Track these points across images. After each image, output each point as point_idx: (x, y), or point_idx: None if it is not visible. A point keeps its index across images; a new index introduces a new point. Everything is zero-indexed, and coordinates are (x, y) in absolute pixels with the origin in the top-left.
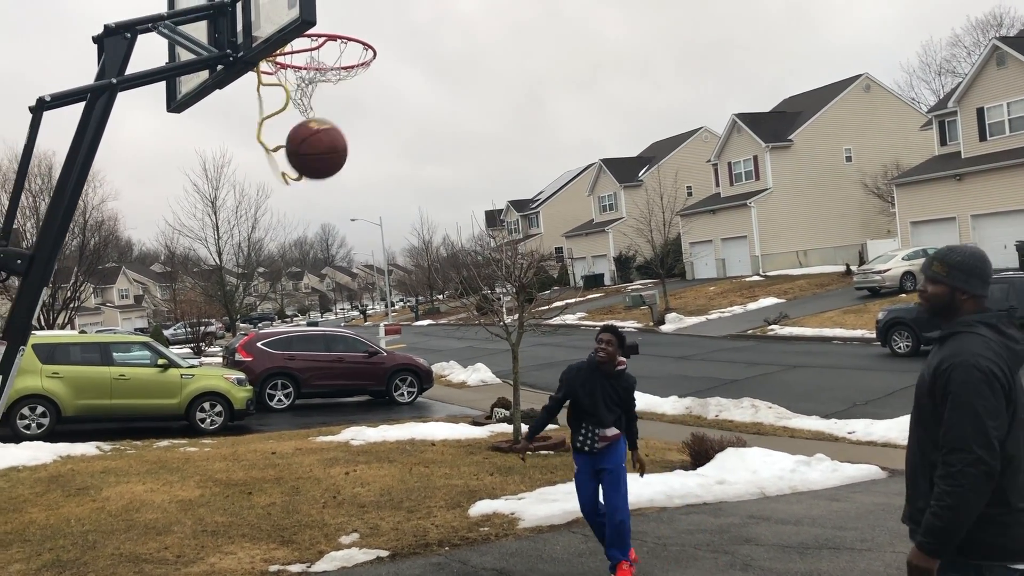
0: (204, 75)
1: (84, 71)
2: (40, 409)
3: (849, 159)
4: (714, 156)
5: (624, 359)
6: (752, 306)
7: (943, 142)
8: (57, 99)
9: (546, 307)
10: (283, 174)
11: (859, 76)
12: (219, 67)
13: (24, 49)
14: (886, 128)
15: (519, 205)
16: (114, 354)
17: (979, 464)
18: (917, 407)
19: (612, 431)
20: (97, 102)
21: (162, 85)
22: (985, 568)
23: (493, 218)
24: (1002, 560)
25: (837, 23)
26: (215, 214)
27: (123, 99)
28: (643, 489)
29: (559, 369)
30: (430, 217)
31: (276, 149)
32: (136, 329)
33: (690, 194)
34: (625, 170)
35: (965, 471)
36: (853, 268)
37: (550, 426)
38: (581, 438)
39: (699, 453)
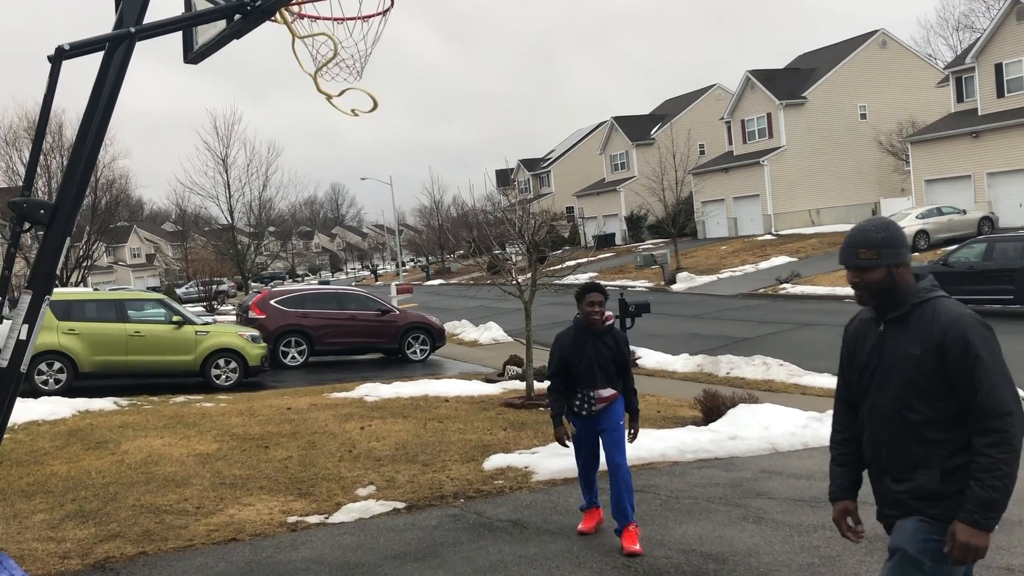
0: (221, 25)
1: (98, 28)
2: (57, 365)
3: (864, 116)
4: (727, 114)
5: (609, 313)
6: (764, 265)
7: (960, 99)
8: (76, 48)
9: (558, 266)
10: (352, 109)
11: (875, 32)
12: (236, 16)
13: (34, 5)
14: (902, 85)
15: (530, 164)
16: (129, 311)
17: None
18: (904, 386)
19: (608, 391)
20: (116, 52)
21: (176, 40)
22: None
23: (504, 177)
24: None
25: None
26: (226, 172)
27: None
28: (655, 444)
29: (563, 329)
30: (441, 176)
31: (340, 94)
32: (148, 288)
33: (702, 152)
34: (637, 128)
35: (1017, 434)
36: None
37: None
38: (578, 403)
39: (711, 409)
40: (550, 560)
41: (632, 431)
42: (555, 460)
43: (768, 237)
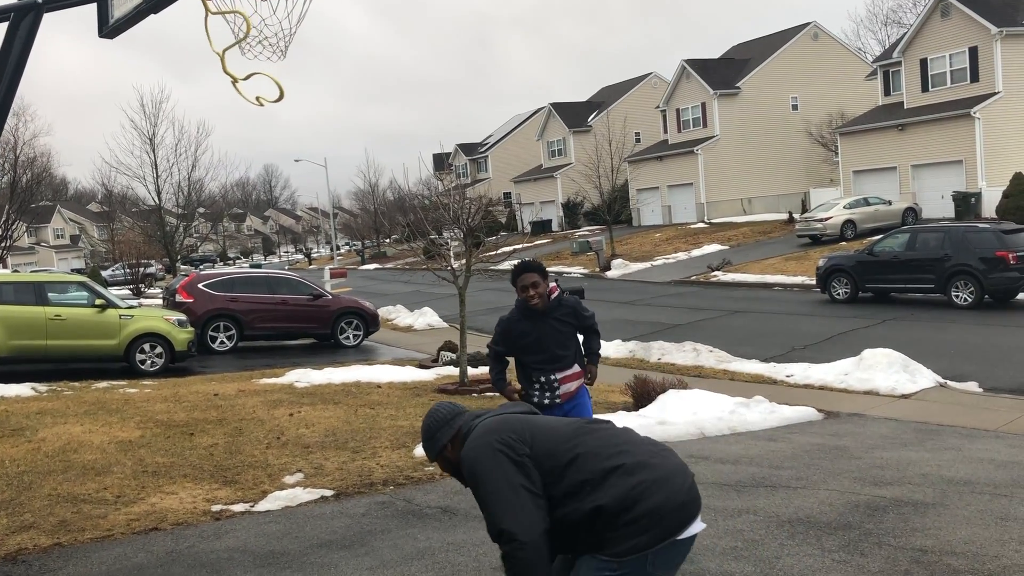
0: None
1: None
2: None
3: (795, 107)
4: (663, 102)
5: (555, 283)
6: (696, 252)
7: (887, 92)
8: None
9: (493, 252)
10: (257, 97)
11: (807, 24)
12: None
13: None
14: (832, 77)
15: (467, 149)
16: (49, 294)
17: None
18: None
19: (573, 369)
20: (21, 23)
21: (93, 9)
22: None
23: (441, 162)
24: None
25: None
26: (154, 152)
27: (52, 25)
28: None
29: (506, 313)
30: (377, 160)
31: (247, 77)
32: (73, 270)
33: (638, 140)
34: (574, 115)
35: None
36: (796, 216)
37: None
38: (538, 394)
39: (642, 395)
40: (478, 546)
41: (590, 375)
42: None
43: (701, 225)
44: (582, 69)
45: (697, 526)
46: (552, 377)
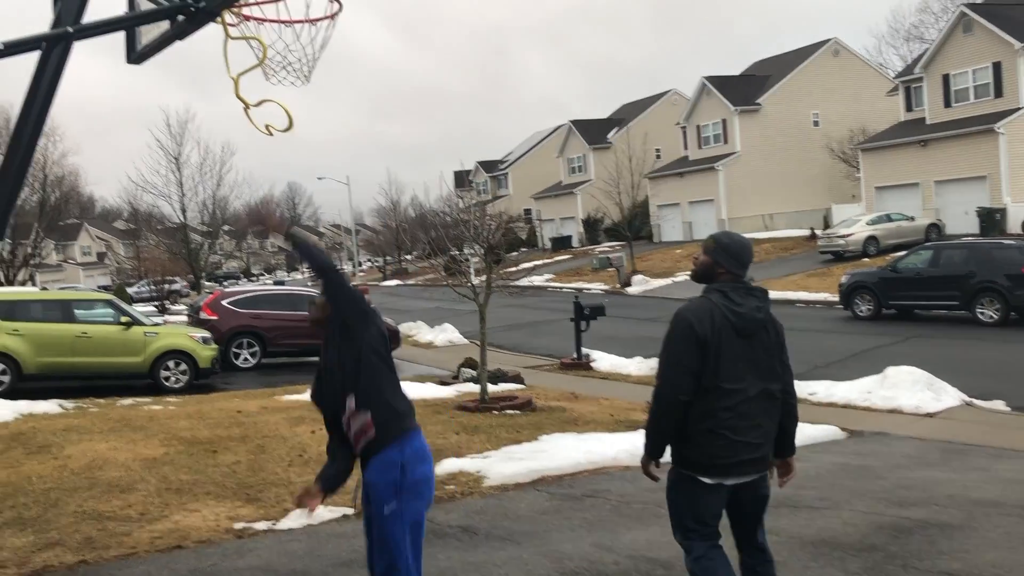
0: (165, 25)
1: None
2: (0, 367)
3: (817, 124)
4: (683, 119)
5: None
6: None
7: (909, 108)
8: (10, 47)
9: (514, 268)
10: (267, 126)
11: (828, 40)
12: (180, 17)
13: None
14: (854, 93)
15: (488, 166)
16: (76, 311)
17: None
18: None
19: (360, 418)
20: (52, 52)
21: (121, 35)
22: (678, 472)
23: (462, 179)
24: (689, 469)
25: None
26: (179, 171)
27: (83, 49)
28: (607, 448)
29: (526, 330)
30: (398, 176)
31: (259, 104)
32: (99, 287)
33: (659, 157)
34: (594, 132)
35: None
36: (818, 232)
37: (515, 385)
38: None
39: None
40: (499, 567)
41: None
42: (507, 465)
43: None
44: (601, 82)
45: None
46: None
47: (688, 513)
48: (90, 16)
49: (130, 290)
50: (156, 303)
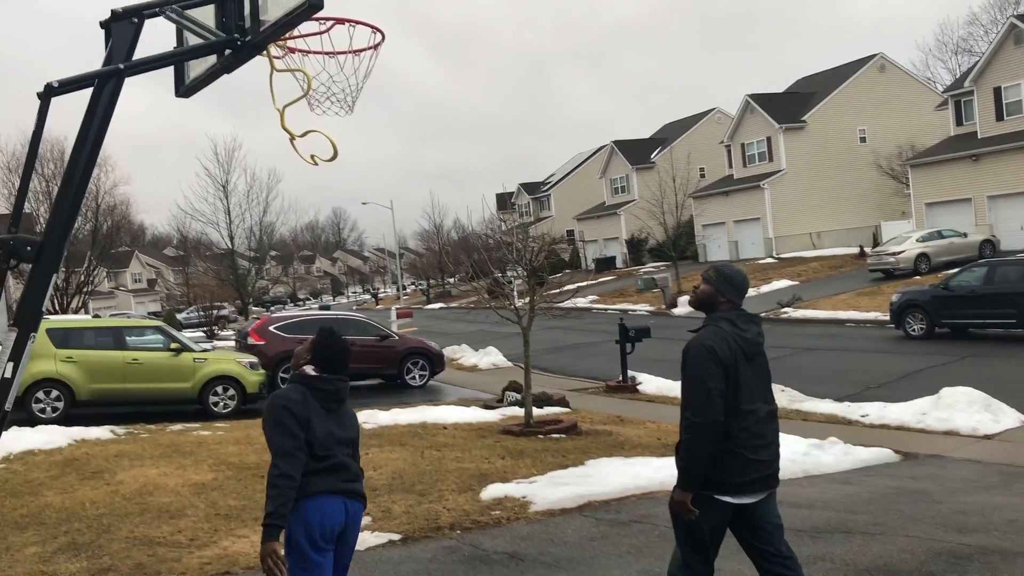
0: (212, 59)
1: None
2: (55, 393)
3: (864, 140)
4: (727, 137)
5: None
6: (765, 288)
7: (959, 122)
8: (65, 85)
9: (557, 291)
10: (312, 156)
11: (874, 56)
12: (227, 51)
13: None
14: (901, 108)
15: (530, 188)
16: (127, 338)
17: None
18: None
19: None
20: (105, 88)
21: (171, 68)
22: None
23: (504, 201)
24: (706, 489)
25: (854, 1)
26: (227, 198)
27: (133, 80)
28: (655, 473)
29: (571, 352)
30: (441, 200)
31: (304, 135)
32: (149, 313)
33: (703, 176)
34: (637, 152)
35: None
36: (867, 250)
37: (560, 409)
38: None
39: None
40: None
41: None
42: (553, 490)
43: (769, 260)
44: (643, 102)
45: None
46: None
47: (703, 536)
48: (140, 52)
49: (179, 316)
50: (205, 329)
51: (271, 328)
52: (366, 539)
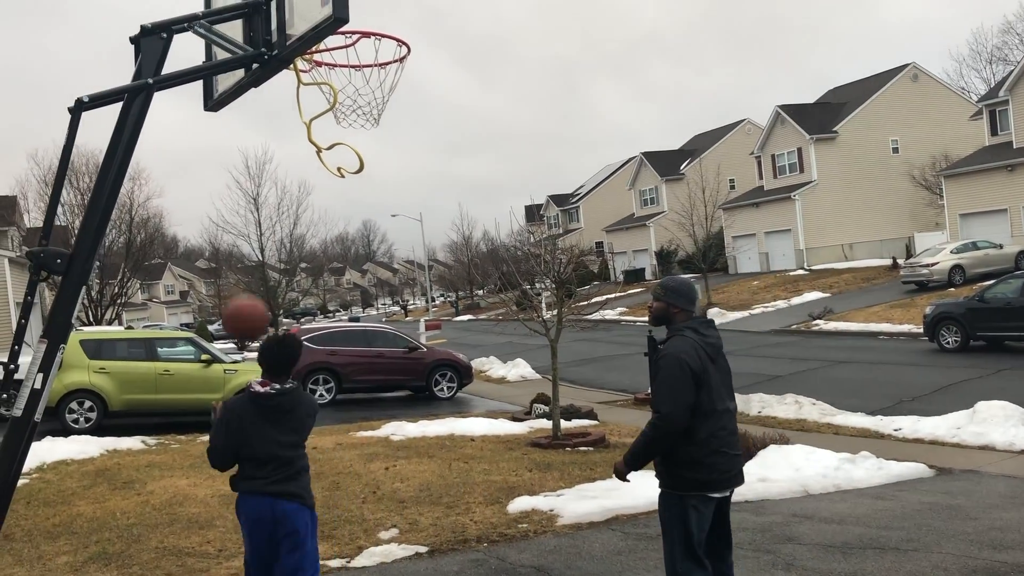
0: (240, 73)
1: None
2: (88, 404)
3: (896, 151)
4: (757, 148)
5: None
6: (796, 300)
7: (994, 132)
8: (95, 100)
9: (585, 303)
10: (339, 168)
11: (906, 66)
12: (255, 65)
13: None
14: (934, 118)
15: (559, 200)
16: (159, 350)
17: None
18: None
19: None
20: (134, 102)
21: (200, 83)
22: (687, 497)
23: (532, 213)
24: (699, 490)
25: (886, 10)
26: (257, 211)
27: (168, 97)
28: None
29: (599, 365)
30: (469, 212)
31: (330, 147)
32: (182, 324)
33: (732, 187)
34: (666, 163)
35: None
36: (900, 261)
37: (588, 421)
38: None
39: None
40: None
41: None
42: (581, 503)
43: (800, 272)
44: (672, 114)
45: None
46: None
47: (699, 533)
48: (169, 67)
49: (211, 327)
50: (236, 341)
51: (301, 340)
52: (393, 551)
